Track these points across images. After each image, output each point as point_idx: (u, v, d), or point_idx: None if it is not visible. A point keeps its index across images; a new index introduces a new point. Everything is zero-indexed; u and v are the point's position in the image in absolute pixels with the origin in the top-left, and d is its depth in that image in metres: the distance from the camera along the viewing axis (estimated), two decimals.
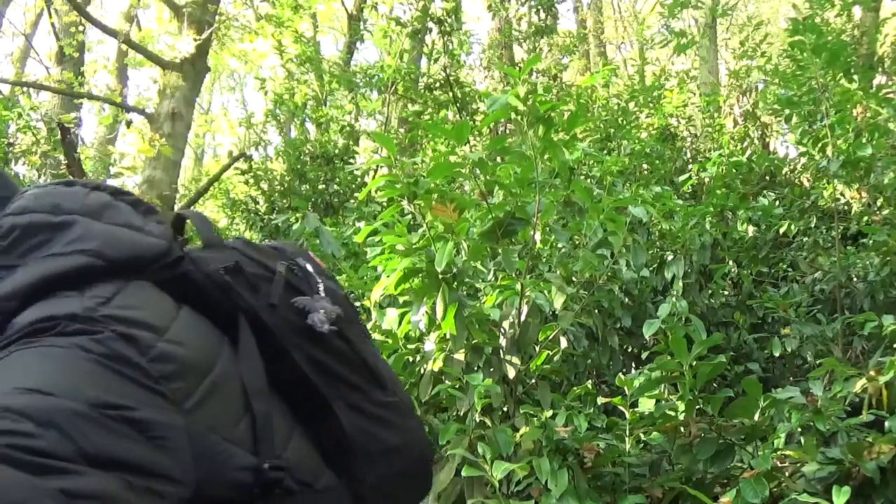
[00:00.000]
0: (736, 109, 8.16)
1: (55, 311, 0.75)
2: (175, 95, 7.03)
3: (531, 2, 9.80)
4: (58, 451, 0.62)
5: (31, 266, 0.80)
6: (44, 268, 0.80)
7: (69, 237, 0.82)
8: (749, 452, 2.45)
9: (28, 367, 0.69)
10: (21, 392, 0.65)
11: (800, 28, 4.28)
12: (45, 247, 0.82)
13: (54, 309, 0.75)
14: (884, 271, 3.98)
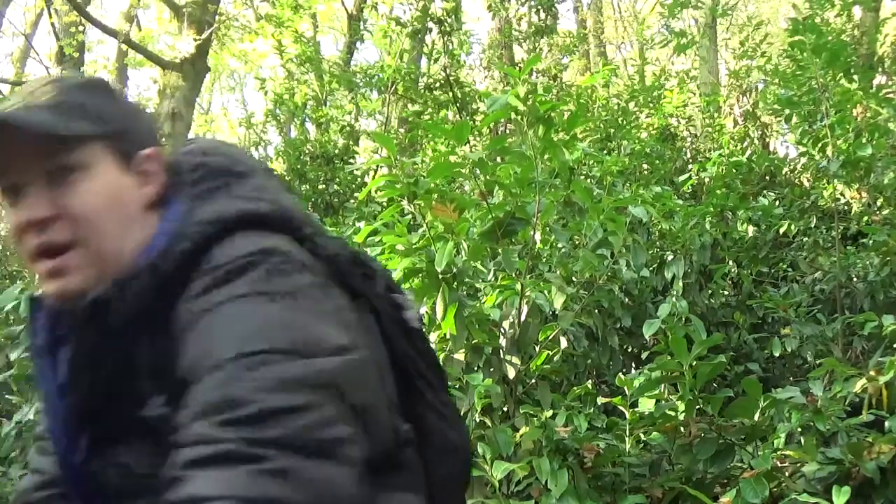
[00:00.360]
0: (736, 109, 8.16)
1: (268, 245, 0.80)
2: (175, 95, 7.03)
3: (531, 2, 9.79)
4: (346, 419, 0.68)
5: (223, 201, 0.86)
6: (241, 205, 0.85)
7: (249, 186, 0.90)
8: (749, 452, 2.45)
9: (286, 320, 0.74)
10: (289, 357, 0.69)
11: (800, 28, 4.28)
12: (227, 189, 0.88)
13: (266, 243, 0.80)
14: (884, 271, 3.98)
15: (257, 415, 0.65)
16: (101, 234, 0.84)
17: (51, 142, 0.83)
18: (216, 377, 0.69)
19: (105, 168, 0.86)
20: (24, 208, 0.84)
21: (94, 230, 0.84)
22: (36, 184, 0.84)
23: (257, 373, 0.68)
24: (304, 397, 0.67)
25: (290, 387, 0.67)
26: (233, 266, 0.78)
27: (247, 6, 10.63)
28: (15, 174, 0.85)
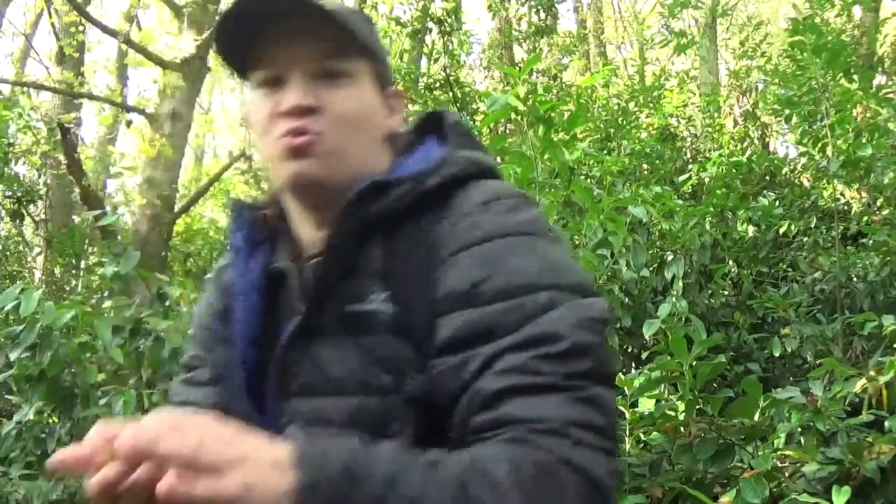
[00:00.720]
0: (736, 109, 8.16)
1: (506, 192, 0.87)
2: (175, 95, 7.03)
3: (531, 2, 9.79)
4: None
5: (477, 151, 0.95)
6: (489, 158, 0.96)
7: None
8: (749, 452, 2.45)
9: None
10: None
11: (800, 28, 4.28)
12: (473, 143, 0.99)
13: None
14: (884, 271, 3.98)
15: (570, 350, 0.71)
16: (350, 137, 0.91)
17: (342, 43, 0.90)
18: (518, 307, 0.74)
19: (367, 84, 0.94)
20: (290, 94, 0.89)
21: (346, 130, 0.90)
22: (303, 78, 0.89)
23: (562, 310, 0.74)
24: (601, 334, 0.74)
25: (592, 324, 0.74)
26: (511, 202, 0.84)
27: None
28: (293, 64, 0.89)
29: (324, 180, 0.88)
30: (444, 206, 0.85)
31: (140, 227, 6.75)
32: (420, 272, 0.81)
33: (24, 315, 2.67)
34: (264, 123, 0.91)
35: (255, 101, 0.94)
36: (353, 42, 0.91)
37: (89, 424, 2.93)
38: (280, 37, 0.90)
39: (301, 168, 0.88)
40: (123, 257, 3.03)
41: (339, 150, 0.90)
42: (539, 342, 0.71)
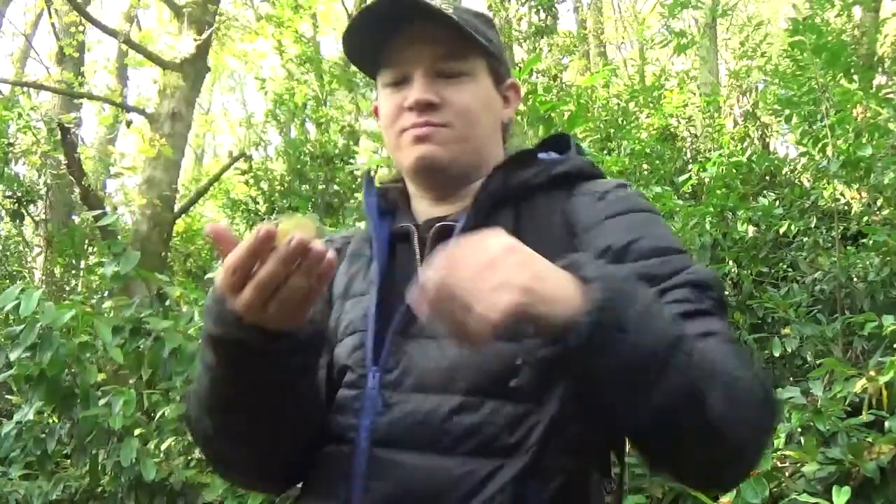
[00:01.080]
0: (736, 109, 8.16)
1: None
2: (175, 95, 7.02)
3: (531, 2, 9.79)
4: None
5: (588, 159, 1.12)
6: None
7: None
8: None
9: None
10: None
11: (800, 28, 4.28)
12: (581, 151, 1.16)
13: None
14: (884, 271, 3.97)
15: (709, 287, 0.91)
16: (468, 128, 1.03)
17: (465, 46, 1.02)
18: (669, 262, 0.92)
19: (484, 80, 1.05)
20: (413, 91, 1.01)
21: (465, 122, 1.02)
22: (426, 77, 1.01)
23: (698, 267, 0.93)
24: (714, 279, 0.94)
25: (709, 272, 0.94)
26: (635, 190, 1.05)
27: (247, 6, 10.63)
28: (417, 65, 1.02)
29: (445, 163, 1.01)
30: (573, 189, 1.02)
31: (140, 227, 6.75)
32: (554, 235, 0.97)
33: (24, 315, 2.67)
34: (391, 117, 1.04)
35: (382, 97, 1.07)
36: (470, 44, 1.02)
37: (89, 424, 2.93)
38: (405, 40, 1.02)
39: (425, 152, 1.01)
40: (123, 257, 3.03)
41: (458, 139, 1.02)
42: (694, 285, 0.90)
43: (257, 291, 0.75)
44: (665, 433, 0.79)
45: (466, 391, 0.87)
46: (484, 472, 0.84)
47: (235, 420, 0.89)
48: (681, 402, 0.76)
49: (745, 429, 0.81)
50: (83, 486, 3.24)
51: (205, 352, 0.85)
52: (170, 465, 3.02)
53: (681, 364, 0.76)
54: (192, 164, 16.70)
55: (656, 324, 0.77)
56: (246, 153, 8.83)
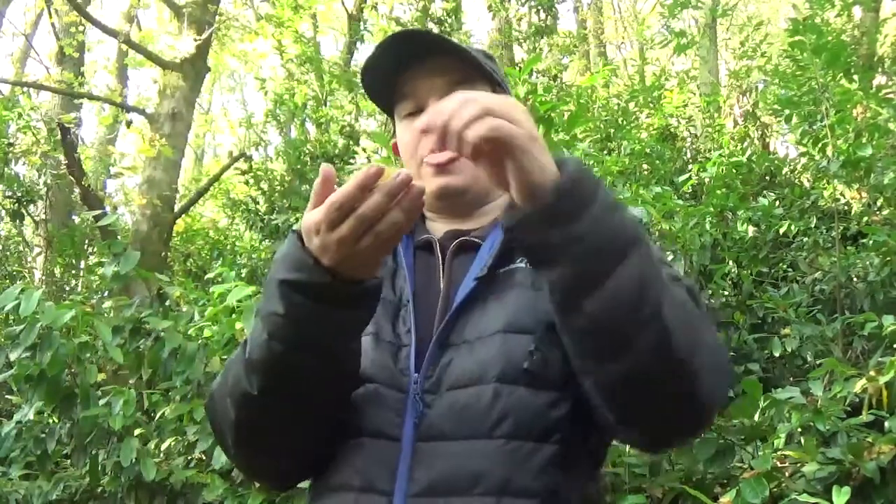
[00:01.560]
0: (736, 109, 8.16)
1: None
2: (175, 95, 7.03)
3: (531, 2, 9.79)
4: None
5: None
6: None
7: None
8: (749, 452, 2.45)
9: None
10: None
11: (800, 28, 4.28)
12: None
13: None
14: (884, 271, 3.97)
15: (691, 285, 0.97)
16: None
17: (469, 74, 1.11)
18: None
19: None
20: None
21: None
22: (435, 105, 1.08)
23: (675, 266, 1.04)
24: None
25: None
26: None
27: (247, 6, 10.64)
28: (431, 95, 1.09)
29: (463, 191, 1.10)
30: None
31: (140, 227, 6.75)
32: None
33: (24, 315, 2.67)
34: (412, 145, 1.12)
35: (401, 129, 1.16)
36: (478, 71, 1.11)
37: (89, 424, 2.93)
38: (420, 73, 1.10)
39: (445, 183, 1.10)
40: (123, 257, 3.03)
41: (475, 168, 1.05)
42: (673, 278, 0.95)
43: (358, 222, 0.81)
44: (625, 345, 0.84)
45: (498, 379, 0.95)
46: (523, 452, 0.92)
47: (290, 379, 0.92)
48: (637, 298, 0.82)
49: (700, 358, 0.87)
50: (83, 486, 3.24)
51: (270, 302, 0.89)
52: (170, 465, 3.02)
53: (638, 261, 0.83)
54: (192, 164, 16.70)
55: (618, 218, 0.85)
56: (246, 153, 8.83)
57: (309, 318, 0.87)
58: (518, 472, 0.91)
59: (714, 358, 0.90)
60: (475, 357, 0.97)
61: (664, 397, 0.87)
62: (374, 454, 0.96)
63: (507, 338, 0.97)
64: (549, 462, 0.93)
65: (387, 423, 0.96)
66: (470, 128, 0.80)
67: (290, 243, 0.88)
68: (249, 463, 1.06)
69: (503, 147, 0.81)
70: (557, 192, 0.81)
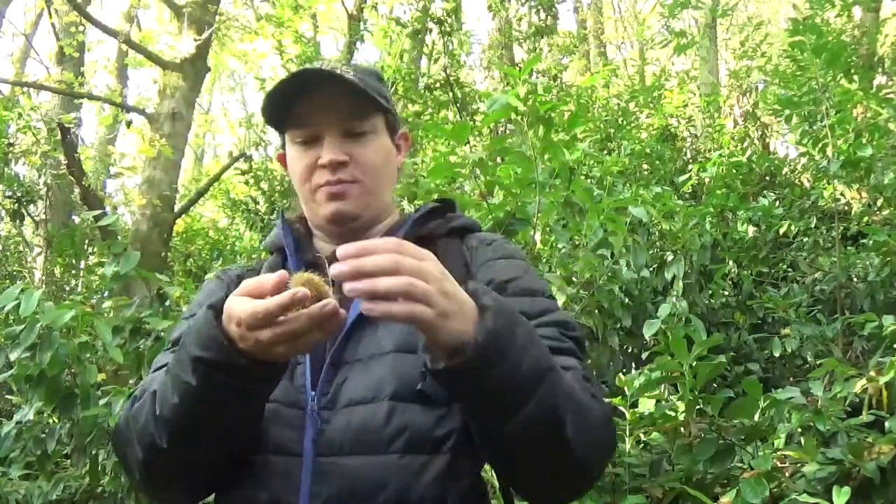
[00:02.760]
0: (736, 109, 8.16)
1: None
2: (175, 95, 7.02)
3: (531, 2, 9.79)
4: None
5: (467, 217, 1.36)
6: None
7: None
8: (749, 452, 2.45)
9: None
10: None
11: (800, 28, 4.28)
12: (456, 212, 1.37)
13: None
14: (884, 271, 3.97)
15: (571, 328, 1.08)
16: (376, 180, 1.18)
17: (366, 107, 1.16)
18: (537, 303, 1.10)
19: (383, 134, 1.21)
20: (325, 152, 1.14)
21: (372, 176, 1.18)
22: (335, 137, 1.15)
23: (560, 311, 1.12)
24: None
25: (568, 315, 1.14)
26: (509, 244, 1.24)
27: (247, 6, 10.63)
28: (326, 126, 1.15)
29: (356, 216, 1.16)
30: (463, 239, 1.22)
31: (140, 227, 6.75)
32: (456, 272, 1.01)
33: (24, 315, 2.66)
34: (305, 174, 1.17)
35: (293, 153, 1.19)
36: (372, 105, 1.16)
37: (89, 424, 2.92)
38: (315, 104, 1.14)
39: (339, 207, 1.15)
40: (123, 257, 3.03)
41: (367, 192, 1.17)
42: (557, 324, 1.07)
43: (279, 334, 0.84)
44: (525, 445, 0.92)
45: (392, 397, 1.01)
46: (416, 464, 0.98)
47: (198, 435, 0.96)
48: (545, 418, 0.89)
49: (591, 448, 0.96)
50: (83, 486, 3.24)
51: (183, 371, 0.92)
52: None
53: (549, 388, 0.90)
54: (192, 164, 16.70)
55: (534, 352, 0.90)
56: (246, 153, 8.83)
57: (220, 390, 0.91)
58: (413, 483, 0.97)
59: (599, 437, 0.98)
60: (369, 375, 1.03)
61: (548, 476, 0.97)
62: (278, 470, 1.00)
63: (398, 357, 1.03)
64: (441, 472, 0.99)
65: (287, 439, 1.01)
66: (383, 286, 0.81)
67: (206, 320, 0.91)
68: (158, 495, 1.10)
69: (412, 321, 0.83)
70: (472, 356, 0.84)
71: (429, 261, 0.85)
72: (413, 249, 0.85)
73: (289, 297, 0.83)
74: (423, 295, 0.82)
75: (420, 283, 0.82)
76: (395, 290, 0.81)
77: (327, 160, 1.14)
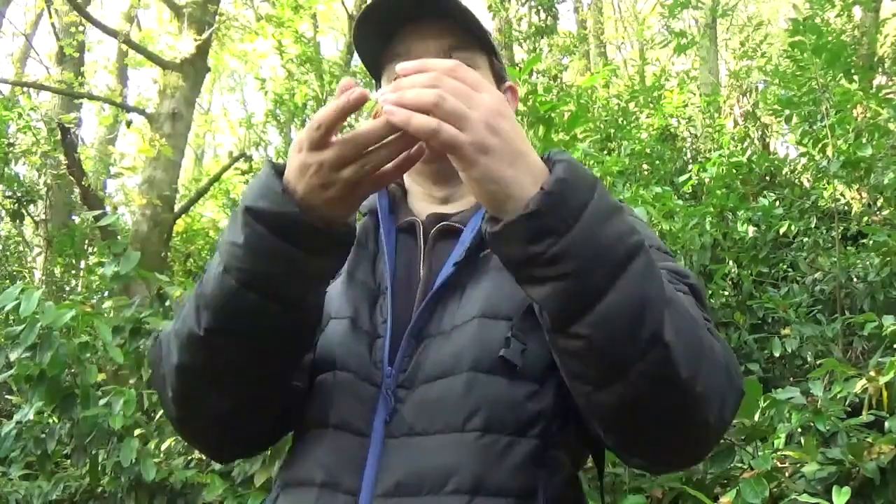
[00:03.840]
0: (736, 110, 8.16)
1: None
2: (175, 95, 7.02)
3: (531, 2, 9.79)
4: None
5: None
6: None
7: None
8: (749, 452, 2.45)
9: None
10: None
11: (800, 28, 4.28)
12: None
13: None
14: (884, 272, 3.97)
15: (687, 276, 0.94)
16: None
17: (466, 38, 1.03)
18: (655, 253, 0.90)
19: (489, 78, 1.06)
20: None
21: None
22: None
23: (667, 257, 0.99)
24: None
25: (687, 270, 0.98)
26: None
27: (247, 6, 10.63)
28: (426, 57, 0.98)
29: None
30: None
31: (140, 227, 6.75)
32: None
33: (24, 315, 2.67)
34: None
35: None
36: (475, 36, 1.04)
37: (89, 424, 2.92)
38: (413, 35, 1.02)
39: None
40: (123, 257, 3.03)
41: None
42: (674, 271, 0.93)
43: (347, 146, 0.74)
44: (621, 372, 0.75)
45: (471, 367, 0.88)
46: (498, 446, 0.85)
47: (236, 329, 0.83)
48: (634, 320, 0.72)
49: (706, 378, 0.77)
50: (83, 486, 3.24)
51: (231, 231, 0.81)
52: (170, 465, 3.02)
53: (636, 278, 0.73)
54: (192, 164, 16.70)
55: (614, 227, 0.74)
56: (246, 153, 8.83)
57: (268, 252, 0.79)
58: (493, 469, 0.84)
59: (720, 375, 0.80)
60: (450, 347, 0.91)
61: (666, 425, 0.79)
62: (339, 448, 0.89)
63: (483, 324, 0.91)
64: (527, 459, 0.85)
65: (355, 415, 0.90)
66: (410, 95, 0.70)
67: (263, 171, 0.81)
68: (186, 422, 0.96)
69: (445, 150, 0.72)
70: (534, 205, 0.71)
71: (485, 92, 0.72)
72: (470, 75, 0.72)
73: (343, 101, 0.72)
74: (454, 114, 0.69)
75: (452, 100, 0.69)
76: (420, 102, 0.69)
77: None
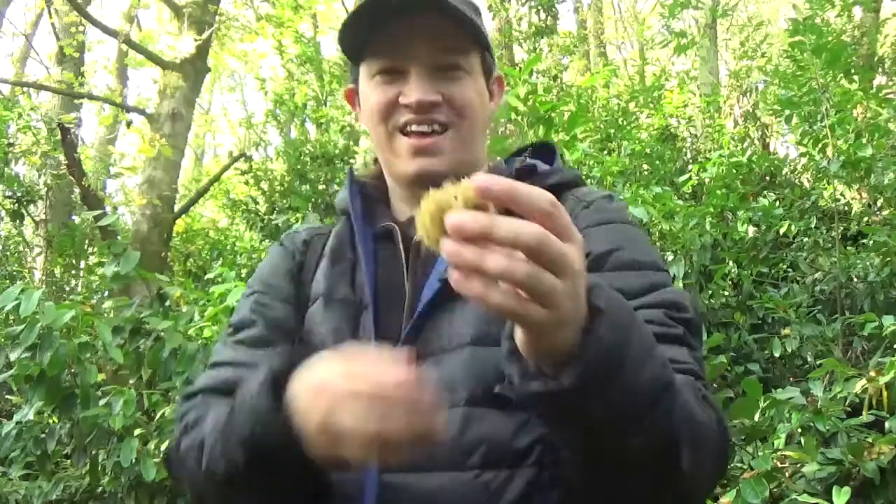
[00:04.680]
0: (736, 110, 8.16)
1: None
2: (175, 95, 7.02)
3: (531, 2, 9.78)
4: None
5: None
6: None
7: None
8: (749, 452, 2.45)
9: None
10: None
11: (800, 28, 4.28)
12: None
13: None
14: (884, 272, 3.97)
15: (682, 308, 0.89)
16: (472, 125, 1.00)
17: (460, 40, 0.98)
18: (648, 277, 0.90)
19: (478, 75, 1.02)
20: (413, 89, 0.95)
21: (468, 120, 0.99)
22: (424, 73, 0.96)
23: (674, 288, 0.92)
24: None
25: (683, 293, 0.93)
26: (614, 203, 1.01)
27: (247, 6, 10.63)
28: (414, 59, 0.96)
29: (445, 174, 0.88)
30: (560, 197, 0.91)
31: (140, 227, 6.75)
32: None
33: (24, 315, 2.67)
34: (383, 112, 0.98)
35: (369, 87, 1.00)
36: (473, 39, 0.99)
37: (89, 424, 2.92)
38: (403, 31, 0.95)
39: (425, 166, 0.97)
40: (123, 257, 3.03)
41: (461, 143, 0.99)
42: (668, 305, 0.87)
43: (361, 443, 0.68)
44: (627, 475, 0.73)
45: (467, 402, 0.85)
46: (496, 482, 0.83)
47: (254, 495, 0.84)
48: (656, 450, 0.70)
49: (703, 479, 0.79)
50: (83, 486, 3.24)
51: (230, 449, 0.79)
52: None
53: (664, 413, 0.69)
54: (192, 164, 16.70)
55: (650, 369, 0.67)
56: (246, 153, 8.83)
57: (269, 469, 0.78)
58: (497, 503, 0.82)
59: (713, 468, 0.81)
60: (442, 373, 0.86)
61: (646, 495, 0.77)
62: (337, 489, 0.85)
63: (475, 353, 0.86)
64: (524, 487, 0.83)
65: None
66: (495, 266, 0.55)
67: (263, 396, 0.76)
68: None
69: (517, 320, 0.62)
70: (574, 380, 0.62)
71: (576, 243, 0.59)
72: (565, 222, 0.58)
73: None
74: (549, 294, 0.56)
75: (550, 277, 0.56)
76: (510, 277, 0.55)
77: (415, 100, 0.94)
